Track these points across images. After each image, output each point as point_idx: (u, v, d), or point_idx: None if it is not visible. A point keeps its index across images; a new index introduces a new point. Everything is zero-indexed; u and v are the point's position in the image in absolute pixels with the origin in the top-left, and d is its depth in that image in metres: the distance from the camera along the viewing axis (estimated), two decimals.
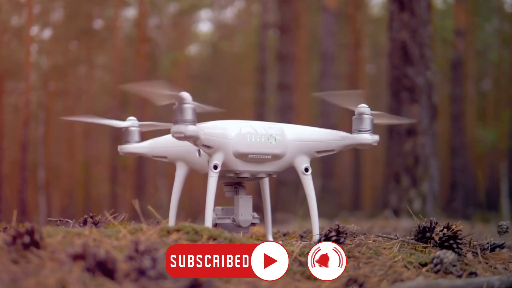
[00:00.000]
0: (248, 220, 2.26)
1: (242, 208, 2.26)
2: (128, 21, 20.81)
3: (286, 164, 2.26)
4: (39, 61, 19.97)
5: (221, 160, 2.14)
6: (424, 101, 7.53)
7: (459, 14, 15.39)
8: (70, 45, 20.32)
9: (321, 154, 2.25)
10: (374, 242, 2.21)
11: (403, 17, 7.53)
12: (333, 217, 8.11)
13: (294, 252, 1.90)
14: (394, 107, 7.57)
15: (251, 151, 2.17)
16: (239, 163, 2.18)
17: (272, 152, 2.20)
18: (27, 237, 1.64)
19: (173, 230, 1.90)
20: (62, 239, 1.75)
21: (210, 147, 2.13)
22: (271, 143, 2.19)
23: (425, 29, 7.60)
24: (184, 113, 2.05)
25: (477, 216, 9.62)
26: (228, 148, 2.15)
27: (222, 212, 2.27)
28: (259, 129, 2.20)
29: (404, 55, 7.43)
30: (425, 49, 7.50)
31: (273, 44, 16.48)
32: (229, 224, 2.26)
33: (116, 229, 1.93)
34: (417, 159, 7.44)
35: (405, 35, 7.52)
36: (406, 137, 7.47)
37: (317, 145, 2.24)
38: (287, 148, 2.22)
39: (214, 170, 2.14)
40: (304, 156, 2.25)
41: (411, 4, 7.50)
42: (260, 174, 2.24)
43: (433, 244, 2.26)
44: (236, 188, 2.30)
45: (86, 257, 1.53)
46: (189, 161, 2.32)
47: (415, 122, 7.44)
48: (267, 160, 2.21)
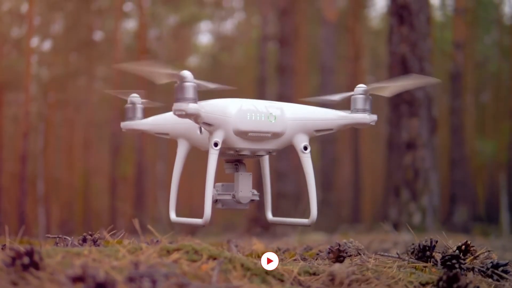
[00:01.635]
0: (247, 197, 2.28)
1: (242, 185, 2.27)
2: (128, 33, 20.86)
3: (286, 142, 2.27)
4: (39, 72, 20.01)
5: (221, 137, 2.17)
6: (424, 115, 7.54)
7: (458, 27, 15.42)
8: (70, 56, 20.36)
9: (320, 133, 2.27)
10: (374, 261, 2.21)
11: (402, 31, 7.55)
12: (333, 230, 8.10)
13: (294, 271, 1.90)
14: (393, 120, 7.58)
15: (251, 129, 2.19)
16: (239, 140, 2.20)
17: (272, 130, 2.22)
18: (27, 258, 1.63)
19: (173, 250, 1.90)
20: (61, 260, 1.74)
21: (211, 124, 2.15)
22: (271, 121, 2.21)
23: (425, 42, 7.62)
24: (185, 91, 2.08)
25: (477, 229, 9.61)
26: (228, 126, 2.17)
27: (222, 188, 2.29)
28: (260, 107, 2.22)
29: (404, 68, 7.44)
30: (425, 62, 7.52)
31: (273, 56, 16.51)
32: (229, 200, 2.28)
33: (115, 248, 1.93)
34: (417, 172, 7.45)
35: (405, 49, 7.54)
36: (406, 150, 7.47)
37: (316, 124, 2.25)
38: (287, 127, 2.24)
39: (215, 147, 2.16)
40: (303, 135, 2.26)
41: (410, 18, 7.53)
42: (260, 151, 2.26)
43: (433, 263, 2.25)
44: (237, 165, 2.32)
45: (85, 279, 1.52)
46: (191, 138, 2.34)
47: (415, 136, 7.44)
48: (267, 138, 2.23)
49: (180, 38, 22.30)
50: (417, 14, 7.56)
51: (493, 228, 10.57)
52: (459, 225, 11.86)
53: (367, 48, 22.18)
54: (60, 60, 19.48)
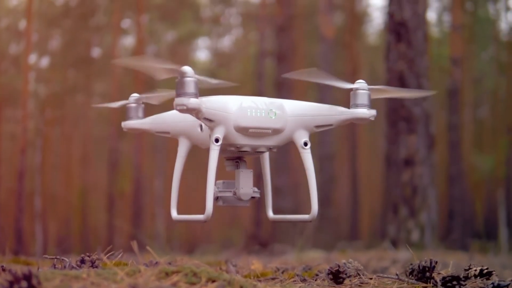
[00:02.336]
0: (248, 194, 2.29)
1: (243, 182, 2.29)
2: (126, 49, 20.89)
3: (286, 139, 2.29)
4: (36, 89, 20.02)
5: (222, 133, 2.17)
6: (422, 131, 7.54)
7: (455, 43, 15.48)
8: (68, 72, 20.38)
9: (320, 128, 2.28)
10: (373, 282, 2.19)
11: (400, 47, 7.56)
12: (331, 247, 8.08)
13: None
14: (391, 137, 7.58)
15: (251, 125, 2.20)
16: (240, 137, 2.21)
17: (272, 126, 2.23)
18: (24, 282, 1.62)
19: (171, 272, 1.89)
20: (59, 283, 1.73)
21: (212, 120, 2.17)
22: (271, 117, 2.22)
23: (422, 59, 7.63)
24: (186, 86, 2.09)
25: (475, 246, 9.58)
26: (229, 122, 2.18)
27: (223, 185, 2.30)
28: (260, 104, 2.23)
29: (401, 85, 7.43)
30: (422, 79, 7.53)
31: (271, 72, 16.54)
32: (230, 197, 2.29)
33: (113, 270, 1.91)
34: (415, 189, 7.44)
35: (402, 66, 7.55)
36: (404, 167, 7.47)
37: (316, 119, 2.27)
38: (287, 123, 2.26)
39: (216, 143, 2.17)
40: (303, 131, 2.27)
41: (407, 35, 7.54)
42: (261, 148, 2.27)
43: (433, 284, 2.24)
44: (237, 162, 2.33)
45: None
46: (192, 136, 2.34)
47: (413, 152, 7.44)
48: (267, 134, 2.25)
49: (178, 55, 22.34)
50: (415, 31, 7.57)
51: (491, 244, 10.54)
52: (458, 242, 11.84)
53: (365, 63, 22.23)
54: (57, 76, 19.49)
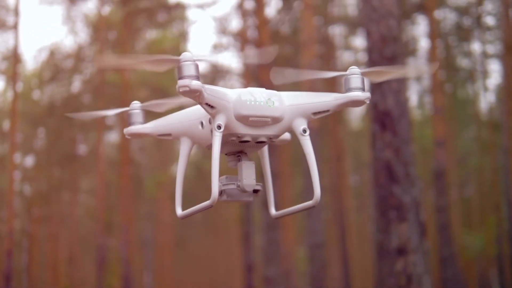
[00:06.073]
0: (251, 185, 2.34)
1: (245, 173, 2.35)
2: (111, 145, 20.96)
3: (285, 127, 2.35)
4: (22, 188, 19.93)
5: (224, 120, 2.24)
6: (412, 219, 7.51)
7: (438, 125, 15.65)
8: (53, 170, 20.34)
9: (317, 115, 2.35)
10: None
11: (385, 137, 7.60)
12: None
13: None
14: (382, 227, 7.54)
15: (252, 114, 2.27)
16: (241, 126, 2.28)
17: (272, 115, 2.30)
18: None
19: None
20: None
21: (213, 107, 2.23)
22: (270, 106, 2.29)
23: (408, 147, 7.67)
24: (188, 69, 2.17)
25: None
26: (229, 110, 2.25)
27: (226, 179, 2.35)
28: (258, 94, 2.30)
29: (389, 174, 7.45)
30: (409, 167, 7.54)
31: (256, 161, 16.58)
32: (234, 190, 2.34)
33: None
34: (409, 278, 7.34)
35: (389, 154, 7.57)
36: (397, 256, 7.39)
37: (313, 106, 2.34)
38: (285, 112, 2.32)
39: (218, 130, 2.24)
40: (301, 119, 2.34)
41: (392, 124, 7.60)
42: (261, 137, 2.34)
43: None
44: (239, 156, 2.40)
45: None
46: (193, 136, 2.40)
47: (405, 241, 7.39)
48: (267, 123, 2.31)
49: (163, 147, 22.42)
50: (399, 119, 7.63)
51: None
52: None
53: (349, 148, 22.39)
54: (43, 175, 19.45)
